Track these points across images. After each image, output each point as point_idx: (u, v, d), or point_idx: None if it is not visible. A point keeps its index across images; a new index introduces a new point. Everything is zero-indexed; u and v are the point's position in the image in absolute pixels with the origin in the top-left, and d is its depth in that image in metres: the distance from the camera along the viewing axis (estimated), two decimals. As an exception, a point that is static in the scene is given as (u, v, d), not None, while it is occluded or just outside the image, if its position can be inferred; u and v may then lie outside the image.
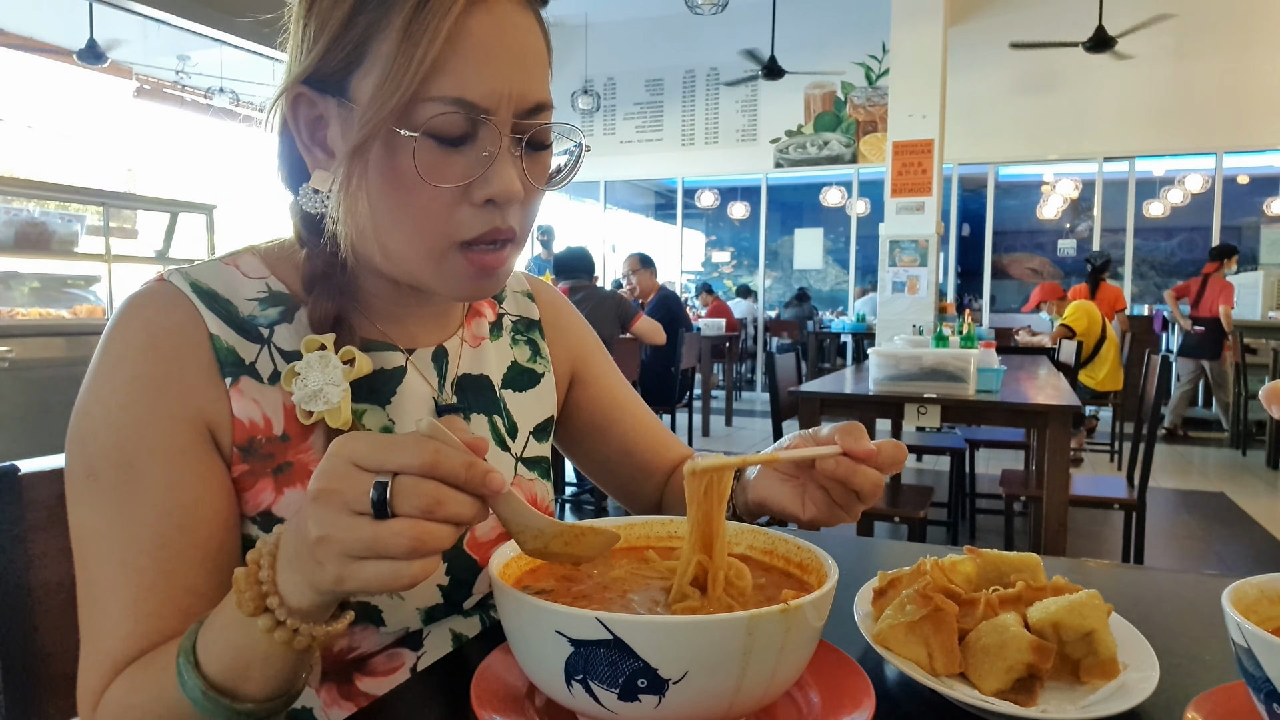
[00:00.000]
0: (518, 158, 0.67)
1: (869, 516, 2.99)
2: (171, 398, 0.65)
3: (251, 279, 0.73)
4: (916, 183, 6.67)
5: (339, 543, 0.47)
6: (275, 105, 0.69)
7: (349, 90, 0.65)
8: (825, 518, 0.72)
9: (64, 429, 0.66)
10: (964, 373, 2.96)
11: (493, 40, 0.63)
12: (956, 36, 8.09)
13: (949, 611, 0.62)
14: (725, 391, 8.22)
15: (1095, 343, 6.31)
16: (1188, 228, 10.72)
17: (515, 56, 0.65)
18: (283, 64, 0.70)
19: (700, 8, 6.72)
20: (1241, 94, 8.25)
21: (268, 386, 0.69)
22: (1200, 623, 0.76)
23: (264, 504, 0.69)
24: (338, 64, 0.65)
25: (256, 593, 0.53)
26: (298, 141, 0.70)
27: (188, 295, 0.68)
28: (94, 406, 0.65)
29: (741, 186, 11.02)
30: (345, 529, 0.47)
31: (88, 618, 0.64)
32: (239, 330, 0.69)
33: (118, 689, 0.61)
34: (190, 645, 0.57)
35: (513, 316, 0.91)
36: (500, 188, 0.64)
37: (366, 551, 0.47)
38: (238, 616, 0.54)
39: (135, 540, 0.63)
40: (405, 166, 0.63)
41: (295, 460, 0.69)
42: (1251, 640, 0.48)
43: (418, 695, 0.64)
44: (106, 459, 0.63)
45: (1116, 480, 3.53)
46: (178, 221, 5.30)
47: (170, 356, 0.66)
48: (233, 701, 0.56)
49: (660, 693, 0.48)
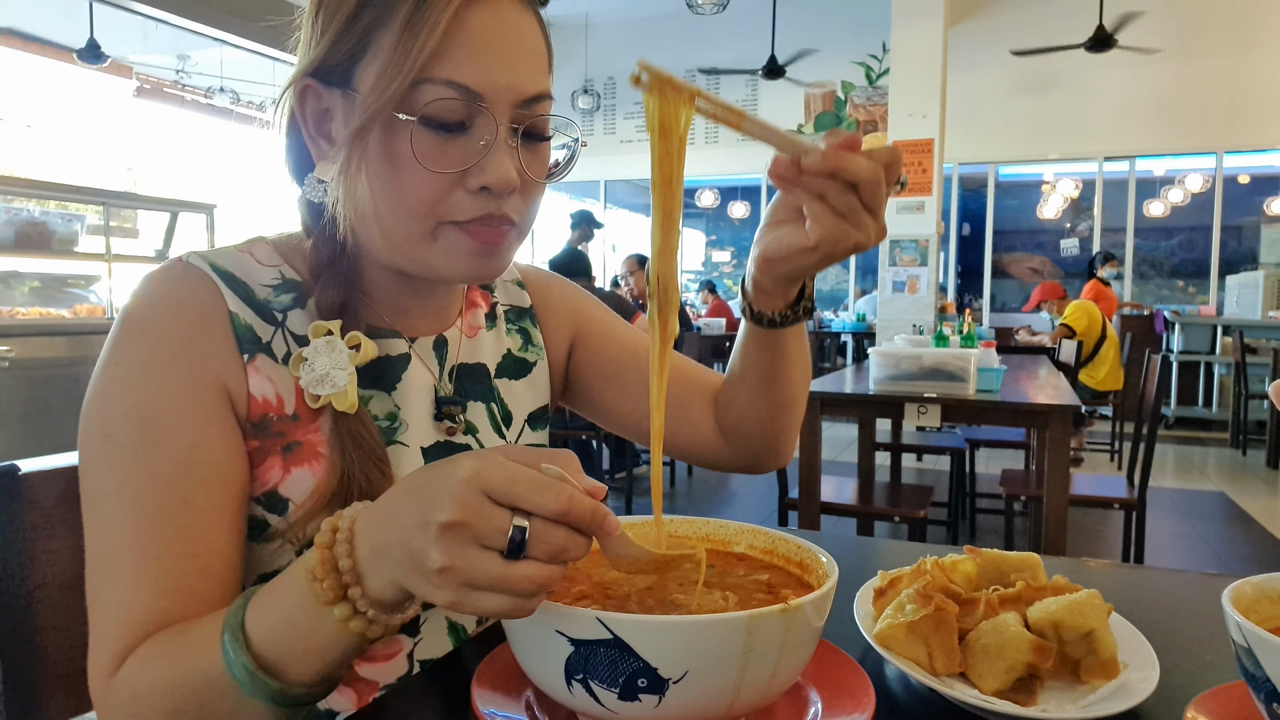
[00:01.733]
0: (514, 148, 0.68)
1: (869, 516, 2.99)
2: (196, 361, 0.66)
3: (265, 266, 0.74)
4: (917, 182, 6.66)
5: (464, 574, 0.47)
6: (283, 98, 0.71)
7: (353, 80, 0.67)
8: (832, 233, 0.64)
9: (64, 429, 0.66)
10: (964, 372, 2.96)
11: (491, 33, 0.66)
12: (956, 36, 8.08)
13: (949, 611, 0.62)
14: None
15: (1095, 342, 6.31)
16: (1188, 227, 10.71)
17: (512, 49, 0.67)
18: (283, 63, 0.72)
19: (700, 8, 6.72)
20: (1241, 94, 8.25)
21: (282, 366, 0.70)
22: (1200, 623, 0.76)
23: (271, 482, 0.69)
24: (342, 56, 0.67)
25: (336, 581, 0.52)
26: (304, 133, 0.72)
27: (208, 274, 0.70)
28: (113, 371, 0.65)
29: (741, 186, 11.02)
30: (474, 564, 0.46)
31: (102, 584, 0.62)
32: (256, 311, 0.71)
33: (142, 656, 0.60)
34: (238, 622, 0.55)
35: (505, 305, 0.92)
36: (495, 176, 0.66)
37: (491, 587, 0.47)
38: (306, 601, 0.53)
39: (156, 496, 0.62)
40: (403, 150, 0.65)
41: (304, 440, 0.70)
42: (1251, 640, 0.48)
43: (418, 695, 0.64)
44: (125, 419, 0.63)
45: (1116, 480, 3.53)
46: (178, 221, 5.30)
47: (195, 324, 0.67)
48: (281, 684, 0.55)
49: (660, 692, 0.48)
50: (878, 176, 0.62)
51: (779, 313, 0.76)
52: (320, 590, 0.52)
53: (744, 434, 0.88)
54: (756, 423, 0.87)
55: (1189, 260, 11.12)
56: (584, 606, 0.51)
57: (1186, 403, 8.01)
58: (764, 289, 0.74)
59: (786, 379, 0.83)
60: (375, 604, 0.52)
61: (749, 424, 0.87)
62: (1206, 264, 9.07)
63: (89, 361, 0.56)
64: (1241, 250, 10.36)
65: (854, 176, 0.62)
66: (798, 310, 0.77)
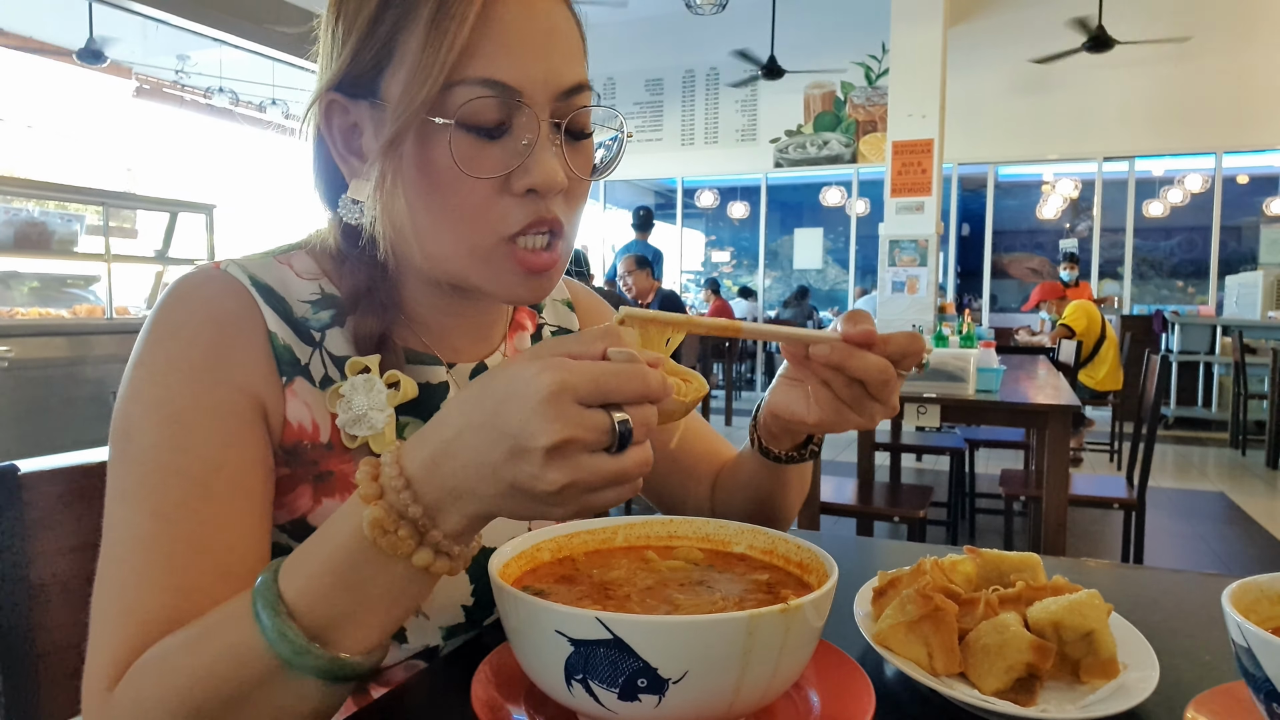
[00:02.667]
0: (558, 146, 0.64)
1: (868, 516, 2.99)
2: (230, 368, 0.63)
3: (305, 279, 0.71)
4: (916, 182, 6.67)
5: (586, 484, 0.47)
6: (308, 115, 0.68)
7: (380, 90, 0.63)
8: (832, 418, 0.67)
9: (63, 429, 0.65)
10: (963, 372, 2.96)
11: (522, 23, 0.62)
12: (956, 36, 8.08)
13: (949, 611, 0.62)
14: (725, 391, 8.22)
15: (1095, 342, 6.31)
16: (1187, 227, 10.72)
17: (545, 38, 0.63)
18: (282, 63, 0.71)
19: (700, 8, 6.72)
20: (1241, 94, 8.26)
21: (319, 391, 0.67)
22: (1200, 623, 0.75)
23: (300, 510, 0.67)
24: (367, 65, 0.64)
25: (411, 530, 0.49)
26: (333, 152, 0.68)
27: (247, 287, 0.66)
28: (140, 372, 0.62)
29: (741, 186, 11.02)
30: (592, 471, 0.47)
31: (109, 589, 0.58)
32: (294, 329, 0.68)
33: (150, 659, 0.54)
34: (275, 595, 0.51)
35: (552, 327, 0.89)
36: (541, 176, 0.63)
37: (609, 483, 0.48)
38: (370, 556, 0.50)
39: (177, 493, 0.59)
40: (441, 158, 0.62)
41: (337, 470, 0.68)
42: (1251, 640, 0.48)
43: (418, 695, 0.64)
44: (149, 418, 0.60)
45: (1116, 480, 3.53)
46: (177, 221, 5.30)
47: (234, 333, 0.64)
48: (334, 654, 0.51)
49: (660, 692, 0.48)
50: (886, 375, 0.64)
51: (785, 453, 0.80)
52: (396, 542, 0.49)
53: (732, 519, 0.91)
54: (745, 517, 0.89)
55: (1188, 260, 11.13)
56: (584, 606, 0.51)
57: (1186, 403, 8.02)
58: (772, 433, 0.78)
59: (783, 501, 0.87)
60: (456, 540, 0.51)
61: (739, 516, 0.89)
62: (1206, 264, 9.07)
63: (88, 362, 0.56)
64: (1241, 250, 10.36)
65: (860, 375, 0.64)
66: (804, 453, 0.81)
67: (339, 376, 0.69)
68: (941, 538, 4.18)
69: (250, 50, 7.18)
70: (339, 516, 0.52)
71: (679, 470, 0.93)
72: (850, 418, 0.67)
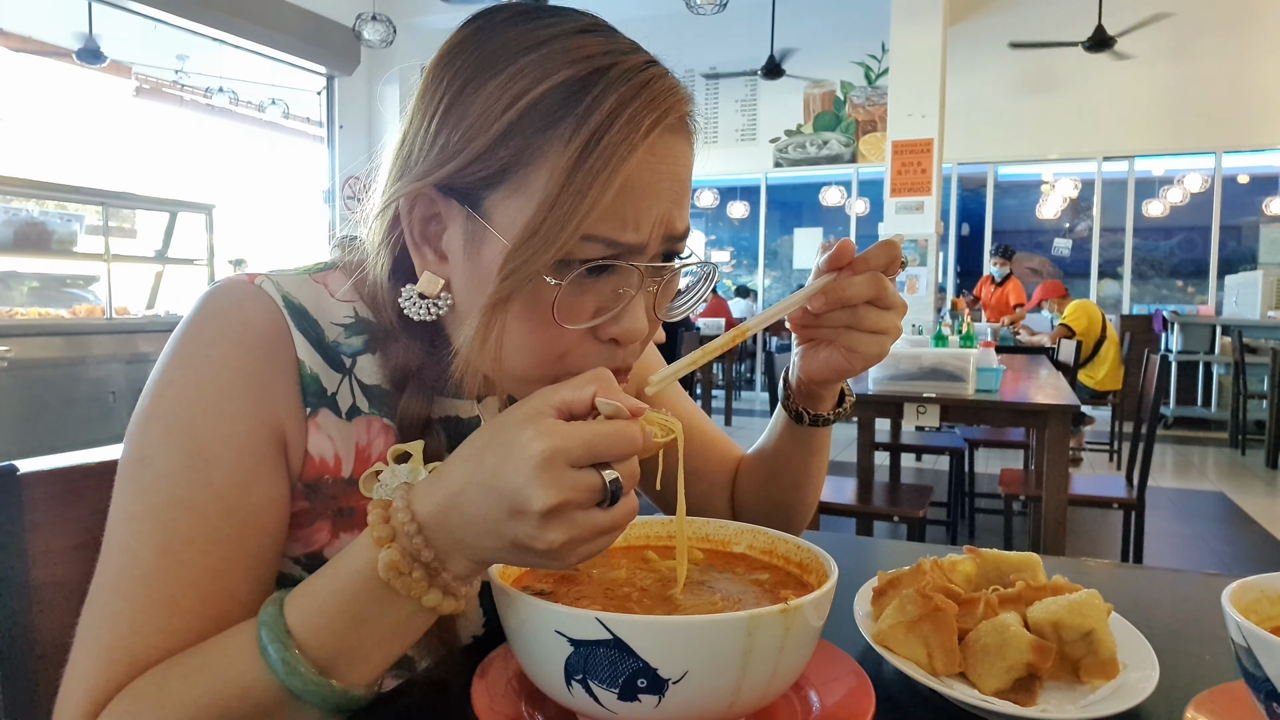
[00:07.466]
0: (651, 293, 0.63)
1: (868, 516, 2.99)
2: (258, 397, 0.61)
3: (340, 302, 0.68)
4: (916, 182, 6.66)
5: (583, 539, 0.50)
6: (393, 200, 0.63)
7: (481, 206, 0.60)
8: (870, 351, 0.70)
9: (63, 429, 0.65)
10: (963, 372, 2.96)
11: (656, 181, 0.60)
12: (956, 36, 8.08)
13: (949, 611, 0.62)
14: (725, 391, 8.22)
15: (1095, 342, 6.31)
16: (1187, 227, 10.70)
17: (669, 189, 0.61)
18: (283, 64, 0.69)
19: (700, 7, 6.71)
20: (1241, 94, 8.26)
21: (344, 422, 0.66)
22: (1200, 623, 0.76)
23: (317, 544, 0.66)
24: (474, 178, 0.59)
25: (424, 573, 0.52)
26: (407, 237, 0.64)
27: (280, 308, 0.64)
28: (166, 390, 0.60)
29: (741, 186, 11.01)
30: (586, 527, 0.49)
31: (99, 618, 0.57)
32: (324, 355, 0.65)
33: (138, 689, 0.54)
34: (282, 628, 0.52)
35: None
36: (628, 327, 0.61)
37: (601, 534, 0.51)
38: (381, 595, 0.52)
39: (187, 530, 0.58)
40: (542, 309, 0.59)
41: (358, 507, 0.67)
42: (1251, 640, 0.48)
43: (418, 695, 0.64)
44: (169, 444, 0.59)
45: (1116, 480, 3.53)
46: (177, 221, 5.30)
47: (264, 358, 0.62)
48: (343, 685, 0.53)
49: (660, 692, 0.48)
50: (880, 284, 0.67)
51: (826, 413, 0.82)
52: (410, 584, 0.52)
53: (754, 517, 0.91)
54: (770, 508, 0.90)
55: (1188, 260, 11.12)
56: (584, 607, 0.51)
57: (1185, 402, 8.02)
58: (810, 394, 0.81)
59: (816, 469, 0.88)
60: (464, 582, 0.54)
61: (763, 509, 0.91)
62: (1205, 264, 9.07)
63: (88, 362, 0.55)
64: (1240, 250, 10.35)
65: (860, 295, 0.67)
66: (841, 410, 0.83)
67: (367, 406, 0.67)
68: (941, 538, 4.18)
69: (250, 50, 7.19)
70: (347, 555, 0.54)
71: (699, 480, 0.94)
72: (882, 341, 0.71)
